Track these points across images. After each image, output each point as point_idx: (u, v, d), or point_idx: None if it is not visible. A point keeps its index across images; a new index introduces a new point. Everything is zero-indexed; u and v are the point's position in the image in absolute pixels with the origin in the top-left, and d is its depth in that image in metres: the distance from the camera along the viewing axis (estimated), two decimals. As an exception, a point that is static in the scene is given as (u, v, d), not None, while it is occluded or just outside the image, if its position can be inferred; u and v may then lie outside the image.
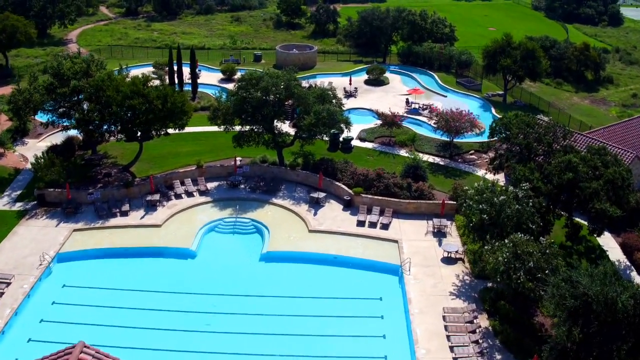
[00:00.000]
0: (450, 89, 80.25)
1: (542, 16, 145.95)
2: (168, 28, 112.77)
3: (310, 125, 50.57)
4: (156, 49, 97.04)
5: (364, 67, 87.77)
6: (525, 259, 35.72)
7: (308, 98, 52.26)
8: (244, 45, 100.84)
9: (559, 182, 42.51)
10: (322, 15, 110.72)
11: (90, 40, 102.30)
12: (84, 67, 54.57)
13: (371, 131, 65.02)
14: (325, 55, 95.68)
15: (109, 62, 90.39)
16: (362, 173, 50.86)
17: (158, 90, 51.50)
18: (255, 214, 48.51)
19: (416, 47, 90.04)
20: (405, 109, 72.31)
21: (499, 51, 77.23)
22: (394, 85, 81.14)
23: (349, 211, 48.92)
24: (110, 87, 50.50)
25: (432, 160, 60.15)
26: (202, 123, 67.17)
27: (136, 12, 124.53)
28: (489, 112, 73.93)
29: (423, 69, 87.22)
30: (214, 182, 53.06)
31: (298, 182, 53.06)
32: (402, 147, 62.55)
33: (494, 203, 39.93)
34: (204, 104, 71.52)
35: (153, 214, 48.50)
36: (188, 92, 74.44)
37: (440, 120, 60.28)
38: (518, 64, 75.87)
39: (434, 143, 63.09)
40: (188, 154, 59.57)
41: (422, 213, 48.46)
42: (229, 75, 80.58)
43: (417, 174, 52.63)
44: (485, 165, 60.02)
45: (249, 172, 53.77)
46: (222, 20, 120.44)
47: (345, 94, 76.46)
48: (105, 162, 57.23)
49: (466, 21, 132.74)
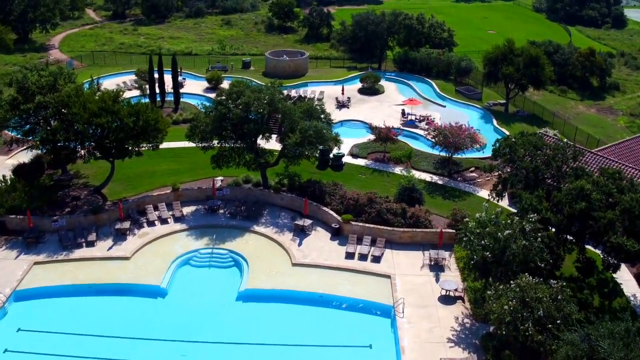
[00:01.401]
0: (449, 98, 75.83)
1: (543, 18, 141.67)
2: (155, 32, 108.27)
3: (295, 144, 46.15)
4: (141, 55, 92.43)
5: (358, 74, 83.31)
6: (534, 307, 31.36)
7: (294, 114, 47.85)
8: (233, 50, 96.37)
9: (570, 212, 38.13)
10: (315, 18, 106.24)
11: (73, 46, 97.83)
12: (50, 80, 50.10)
13: (364, 146, 60.62)
14: (318, 61, 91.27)
15: (91, 69, 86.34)
16: (353, 197, 46.44)
17: (130, 107, 47.09)
18: (235, 243, 44.07)
19: (413, 52, 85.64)
20: (400, 120, 67.89)
21: (501, 58, 72.83)
22: (390, 94, 76.71)
23: (337, 240, 44.51)
24: (77, 104, 46.07)
25: (429, 179, 55.80)
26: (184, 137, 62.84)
27: (123, 15, 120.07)
28: (490, 123, 69.51)
29: (420, 76, 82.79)
30: (191, 207, 48.65)
31: (282, 207, 48.64)
32: (397, 163, 58.18)
33: (498, 238, 35.56)
34: (186, 115, 67.04)
35: (122, 244, 44.06)
36: (170, 102, 70.06)
37: (438, 136, 55.90)
38: (521, 72, 71.47)
39: (432, 159, 58.70)
40: (165, 173, 55.16)
41: (417, 243, 44.05)
42: (215, 84, 76.12)
43: (413, 196, 48.25)
44: (486, 183, 55.78)
45: (229, 195, 49.36)
46: (211, 24, 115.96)
47: (338, 104, 72.06)
48: (76, 183, 52.80)
49: (465, 24, 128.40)
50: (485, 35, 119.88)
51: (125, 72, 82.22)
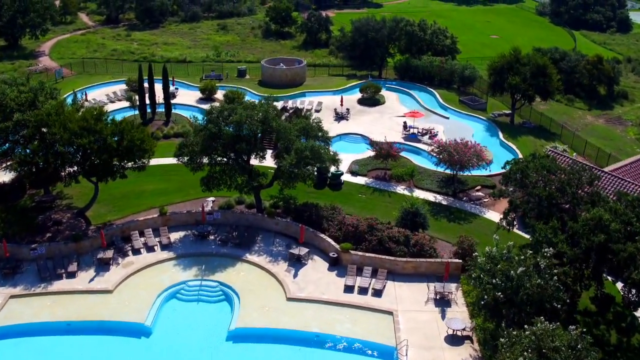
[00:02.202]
0: (453, 109, 72.76)
1: (547, 22, 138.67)
2: (149, 38, 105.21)
3: (291, 165, 43.13)
4: (133, 62, 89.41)
5: (358, 83, 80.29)
6: (552, 358, 28.37)
7: (289, 132, 44.81)
8: (229, 57, 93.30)
9: (587, 245, 35.17)
10: (314, 23, 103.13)
11: (63, 53, 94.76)
12: (30, 96, 47.08)
13: (364, 163, 57.60)
14: (316, 69, 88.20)
15: (81, 77, 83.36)
16: (352, 224, 43.40)
17: (114, 125, 44.07)
18: (225, 274, 41.05)
19: (415, 60, 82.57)
20: (402, 134, 64.86)
21: (507, 67, 69.79)
22: (391, 104, 73.63)
23: (335, 271, 41.50)
24: (57, 123, 43.05)
25: (432, 199, 52.84)
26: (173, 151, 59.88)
27: (117, 20, 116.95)
28: (496, 137, 66.48)
29: (422, 86, 79.73)
30: (180, 232, 45.60)
31: (277, 232, 45.58)
32: (399, 182, 55.21)
33: (510, 276, 32.57)
34: (177, 129, 64.04)
35: (105, 275, 41.04)
36: (161, 114, 67.00)
37: (442, 153, 52.90)
38: (528, 82, 68.44)
39: (435, 177, 55.72)
40: (153, 193, 52.17)
41: (422, 274, 41.04)
42: (209, 94, 73.05)
43: (416, 221, 45.24)
44: (493, 203, 52.81)
45: (220, 219, 46.33)
46: (207, 29, 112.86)
47: (336, 116, 69.02)
48: (59, 204, 49.79)
49: (467, 28, 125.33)
50: (488, 41, 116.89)
51: (115, 82, 79.21)
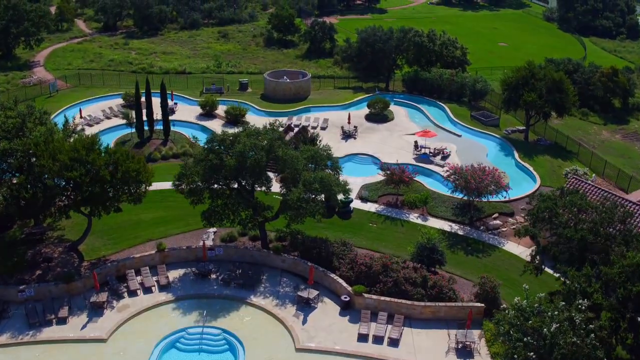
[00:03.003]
0: (464, 126, 69.52)
1: (555, 28, 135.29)
2: (147, 46, 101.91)
3: (298, 200, 39.97)
4: (131, 74, 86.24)
5: (365, 97, 77.09)
6: None
7: (296, 162, 41.64)
8: (230, 68, 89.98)
9: (625, 294, 32.04)
10: (317, 32, 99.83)
11: (59, 63, 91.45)
12: (18, 122, 43.91)
13: (374, 188, 54.44)
14: (321, 81, 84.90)
15: (76, 90, 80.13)
16: (365, 263, 40.24)
17: (107, 156, 40.89)
18: (228, 320, 37.89)
19: (424, 73, 79.38)
20: (413, 154, 61.69)
21: (522, 83, 66.61)
22: (400, 121, 70.38)
23: (347, 316, 38.35)
24: (45, 154, 39.88)
25: (448, 228, 49.74)
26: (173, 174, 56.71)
27: (115, 27, 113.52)
28: (511, 156, 63.30)
29: (432, 100, 76.53)
30: (179, 270, 42.43)
31: (284, 270, 42.43)
32: (411, 209, 52.10)
33: (543, 334, 29.43)
34: (177, 149, 60.85)
35: (98, 320, 37.88)
36: (159, 132, 63.75)
37: (459, 180, 49.76)
38: (544, 98, 65.28)
39: (450, 203, 52.59)
40: (151, 222, 49.05)
41: (441, 319, 37.91)
42: (209, 110, 69.85)
43: (433, 257, 42.10)
44: (512, 233, 49.70)
45: (223, 256, 43.18)
46: (207, 37, 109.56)
47: (343, 134, 65.83)
48: (50, 237, 46.64)
49: (474, 35, 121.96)
50: (496, 49, 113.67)
51: (112, 95, 76.02)
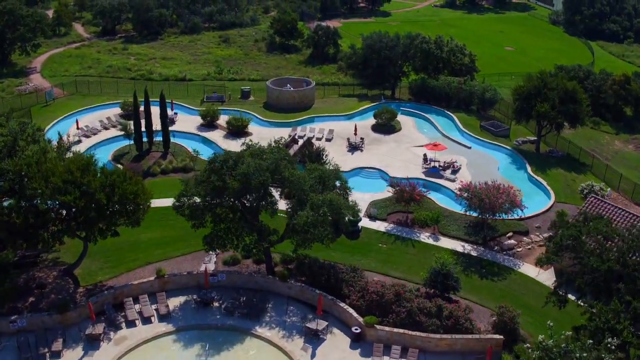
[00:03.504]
0: (474, 137, 67.19)
1: (561, 31, 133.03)
2: (147, 52, 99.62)
3: (305, 224, 37.68)
4: (130, 81, 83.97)
5: (371, 106, 74.80)
6: None
7: (303, 183, 39.36)
8: (231, 75, 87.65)
9: (659, 332, 29.82)
10: (321, 37, 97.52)
11: (56, 69, 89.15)
12: (9, 140, 41.63)
13: (383, 205, 52.15)
14: (325, 88, 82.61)
15: (73, 99, 77.78)
16: (376, 291, 37.97)
17: (103, 177, 38.59)
18: (233, 354, 35.58)
19: (431, 80, 77.07)
20: (422, 167, 59.40)
21: (534, 93, 64.33)
22: (408, 131, 68.06)
23: (359, 349, 36.06)
24: (37, 176, 37.59)
25: (460, 248, 47.52)
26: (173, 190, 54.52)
27: (113, 31, 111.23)
28: (524, 170, 61.01)
29: (440, 109, 74.20)
30: (179, 297, 40.13)
31: (290, 298, 40.13)
32: (422, 227, 49.82)
33: (574, 379, 27.23)
34: (177, 163, 58.56)
35: (94, 355, 35.55)
36: (159, 143, 61.41)
37: (472, 199, 47.46)
38: (557, 109, 63.03)
39: (462, 222, 50.34)
40: (150, 243, 46.81)
41: (457, 352, 35.64)
42: (210, 121, 67.54)
43: (448, 284, 39.86)
44: (527, 253, 47.58)
45: (226, 282, 40.89)
46: (208, 41, 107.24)
47: (350, 146, 63.53)
48: (44, 259, 44.36)
49: (479, 39, 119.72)
50: (503, 53, 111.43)
51: (110, 104, 73.69)
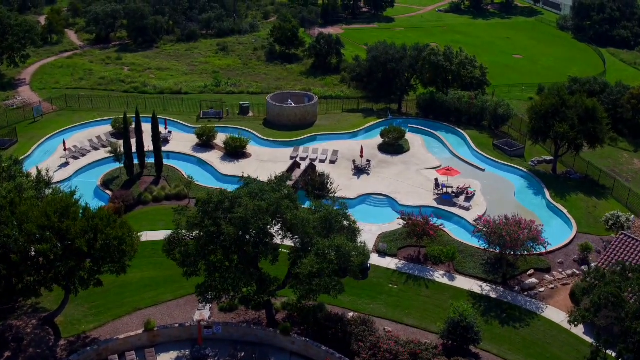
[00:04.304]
0: (487, 158, 63.10)
1: (570, 38, 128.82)
2: (142, 61, 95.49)
3: (310, 275, 33.67)
4: (123, 94, 79.93)
5: (377, 122, 70.78)
6: None
7: (307, 226, 35.34)
8: (230, 87, 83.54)
9: None
10: (323, 46, 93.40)
11: (46, 81, 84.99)
12: (-19, 176, 37.69)
13: (393, 238, 48.14)
14: (328, 102, 78.49)
15: (63, 114, 73.56)
16: (390, 350, 33.97)
17: (84, 221, 34.53)
18: None
19: (441, 95, 73.01)
20: (434, 194, 55.37)
21: (552, 112, 60.32)
22: (417, 152, 63.95)
23: (370, 419, 32.14)
24: (11, 221, 33.57)
25: (478, 289, 43.61)
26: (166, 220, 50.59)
27: (107, 39, 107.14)
28: (541, 196, 56.96)
29: (450, 126, 70.13)
30: (170, 353, 36.13)
31: (293, 353, 36.11)
32: (436, 264, 45.85)
33: None
34: (170, 189, 54.49)
35: None
36: (151, 167, 57.35)
37: (492, 235, 43.42)
38: (576, 129, 59.03)
39: (479, 258, 46.37)
40: (140, 285, 42.85)
41: (483, 423, 31.69)
42: (206, 140, 63.48)
43: (467, 336, 35.88)
44: (551, 294, 43.66)
45: (221, 334, 36.85)
46: (206, 50, 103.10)
47: (355, 169, 59.48)
48: (23, 306, 40.31)
49: (487, 46, 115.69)
50: (512, 61, 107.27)
51: (101, 121, 69.63)
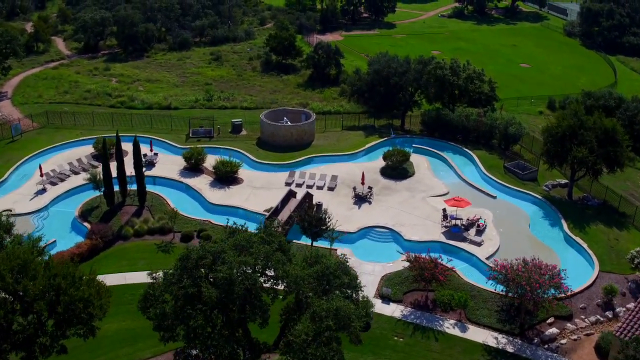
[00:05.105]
0: (498, 183, 58.40)
1: (577, 44, 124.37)
2: (131, 72, 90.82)
3: (305, 343, 29.04)
4: (109, 109, 75.34)
5: (379, 142, 66.20)
6: None
7: (301, 284, 30.70)
8: (222, 102, 78.81)
9: None
10: (321, 56, 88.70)
11: (29, 95, 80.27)
12: None
13: (398, 280, 43.51)
14: (326, 118, 73.86)
15: (44, 132, 68.72)
16: None
17: (44, 282, 29.86)
18: None
19: (446, 111, 68.41)
20: (442, 226, 50.77)
21: (569, 134, 55.74)
22: (422, 176, 59.27)
23: None
24: (-43, 281, 28.93)
25: (493, 342, 39.12)
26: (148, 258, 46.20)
27: (96, 48, 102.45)
28: (558, 227, 52.34)
29: (457, 146, 65.45)
30: None
31: None
32: (446, 311, 41.27)
33: None
34: (153, 222, 49.87)
35: None
36: (133, 195, 52.68)
37: (510, 283, 38.80)
38: (595, 153, 54.47)
39: (493, 304, 41.80)
40: (116, 338, 38.43)
41: None
42: (194, 164, 58.81)
43: (486, 410, 31.33)
44: (573, 346, 39.12)
45: (205, 407, 32.24)
46: (198, 60, 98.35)
47: (356, 197, 54.86)
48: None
49: (492, 54, 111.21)
50: (519, 71, 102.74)
51: (83, 141, 64.91)
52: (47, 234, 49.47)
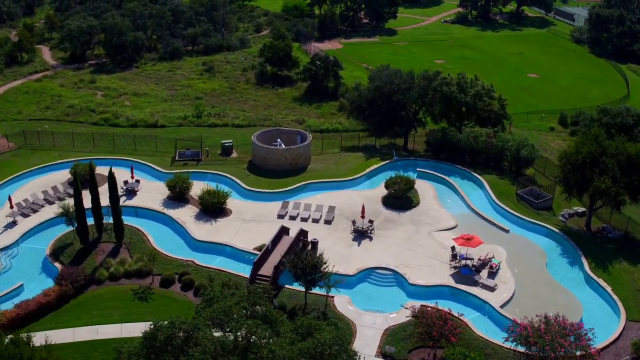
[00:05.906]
0: (511, 213, 53.42)
1: (586, 52, 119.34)
2: (117, 85, 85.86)
3: None
4: (91, 127, 70.46)
5: (380, 165, 61.24)
6: None
7: (291, 365, 25.82)
8: (212, 119, 73.81)
9: None
10: (319, 68, 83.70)
11: (8, 111, 75.27)
12: None
13: (402, 335, 38.61)
14: (324, 136, 68.94)
15: (20, 155, 63.76)
16: None
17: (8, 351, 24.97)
18: None
19: (454, 131, 63.48)
20: (450, 266, 45.85)
21: (590, 162, 50.82)
22: (428, 206, 54.23)
23: None
24: None
25: (513, 413, 34.09)
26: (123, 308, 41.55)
27: (83, 57, 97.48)
28: (578, 266, 47.40)
29: (466, 170, 60.50)
30: None
31: None
32: (457, 373, 36.35)
33: None
34: (130, 264, 44.88)
35: None
36: (110, 227, 47.65)
37: (531, 347, 33.91)
38: (619, 183, 49.56)
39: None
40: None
41: None
42: (179, 193, 53.86)
43: None
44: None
45: None
46: (189, 70, 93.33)
47: (355, 231, 49.85)
48: None
49: (498, 63, 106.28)
50: (527, 82, 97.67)
51: (60, 165, 59.97)
52: (15, 275, 45.24)
